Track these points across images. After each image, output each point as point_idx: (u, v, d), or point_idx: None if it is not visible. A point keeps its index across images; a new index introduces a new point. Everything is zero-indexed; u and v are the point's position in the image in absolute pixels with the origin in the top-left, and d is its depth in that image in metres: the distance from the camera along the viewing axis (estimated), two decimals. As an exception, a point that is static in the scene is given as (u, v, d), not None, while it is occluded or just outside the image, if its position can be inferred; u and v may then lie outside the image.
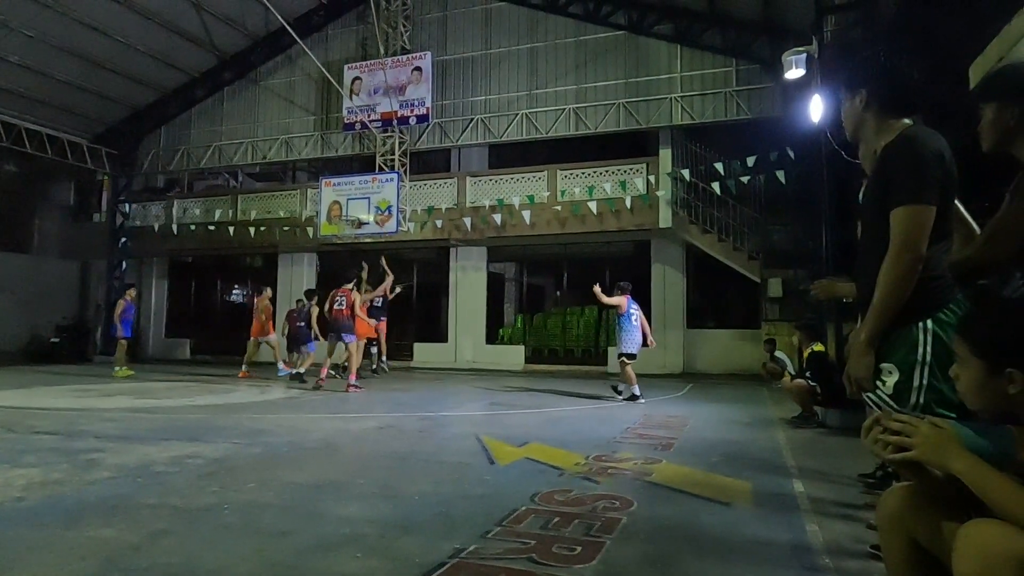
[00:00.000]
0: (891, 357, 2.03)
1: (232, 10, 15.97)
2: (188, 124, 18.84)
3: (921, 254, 1.97)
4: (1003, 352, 1.46)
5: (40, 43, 14.79)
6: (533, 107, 15.33)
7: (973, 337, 1.54)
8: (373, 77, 16.07)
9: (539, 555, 2.66)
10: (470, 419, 7.25)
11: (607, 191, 14.28)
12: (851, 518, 3.36)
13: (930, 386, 1.96)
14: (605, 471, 4.37)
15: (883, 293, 2.00)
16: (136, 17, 15.03)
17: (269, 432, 5.86)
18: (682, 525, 3.22)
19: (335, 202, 15.68)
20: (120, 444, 5.09)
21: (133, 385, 10.49)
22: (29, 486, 3.74)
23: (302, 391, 9.81)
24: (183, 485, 3.84)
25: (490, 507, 3.38)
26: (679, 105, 14.20)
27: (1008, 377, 1.44)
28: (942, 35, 7.40)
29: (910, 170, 2.01)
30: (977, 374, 1.51)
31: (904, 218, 1.98)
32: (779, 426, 6.82)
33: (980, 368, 1.50)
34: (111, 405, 7.78)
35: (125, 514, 3.22)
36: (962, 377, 1.57)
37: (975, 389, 1.54)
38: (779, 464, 4.80)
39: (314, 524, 3.10)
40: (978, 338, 1.53)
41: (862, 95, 2.22)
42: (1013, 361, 1.44)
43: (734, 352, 14.20)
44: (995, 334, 1.50)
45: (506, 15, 15.76)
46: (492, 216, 15.04)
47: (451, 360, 16.28)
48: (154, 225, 18.80)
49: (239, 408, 7.76)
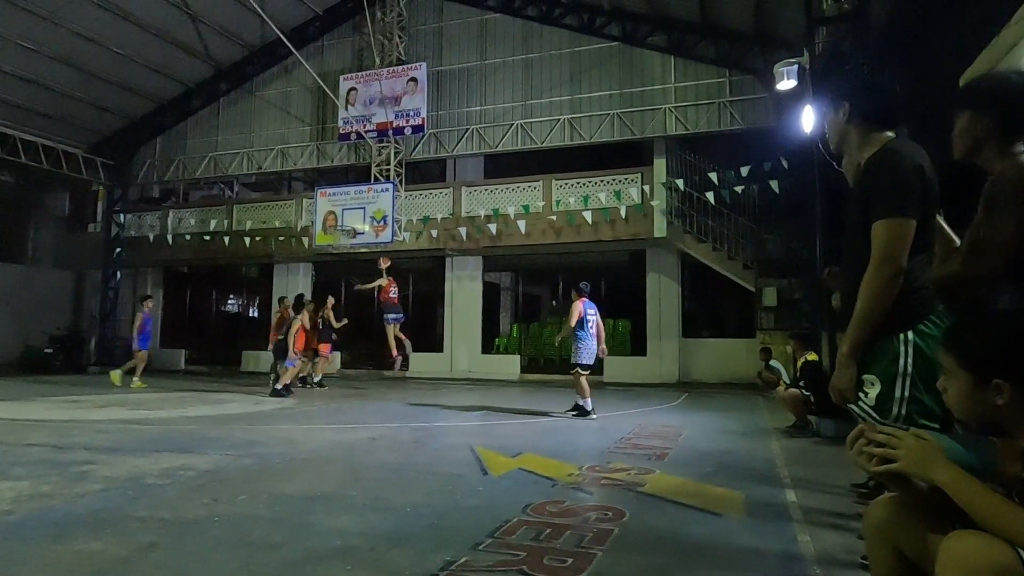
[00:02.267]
0: (873, 368, 2.05)
1: (228, 21, 16.02)
2: (184, 134, 18.86)
3: (901, 266, 1.98)
4: (989, 363, 1.46)
5: (36, 54, 14.81)
6: (528, 117, 15.39)
7: (959, 349, 1.54)
8: (369, 88, 16.12)
9: (530, 567, 2.65)
10: (464, 430, 7.23)
11: (602, 201, 14.32)
12: (843, 528, 3.35)
13: (912, 397, 1.97)
14: (598, 482, 4.36)
15: (864, 305, 2.02)
16: (132, 28, 15.07)
17: (261, 443, 5.83)
18: (674, 536, 3.21)
19: (330, 212, 15.69)
20: (111, 456, 5.06)
21: (126, 396, 10.44)
22: (18, 499, 3.71)
23: (297, 402, 9.78)
24: (174, 497, 3.82)
25: (482, 518, 3.37)
26: (673, 115, 14.28)
27: (995, 388, 1.45)
28: (932, 46, 7.47)
29: (891, 183, 2.02)
30: (964, 386, 1.51)
31: (885, 231, 2.00)
32: (773, 435, 6.82)
33: (967, 380, 1.50)
34: (103, 417, 7.74)
35: (114, 527, 3.20)
36: (950, 389, 1.57)
37: (963, 400, 1.53)
38: (772, 474, 4.80)
39: (304, 536, 3.08)
40: (964, 350, 1.53)
41: (845, 108, 2.24)
42: (1000, 372, 1.44)
43: (729, 361, 14.20)
44: (981, 346, 1.50)
45: (501, 26, 15.86)
46: (487, 226, 15.05)
47: (447, 370, 16.24)
48: (149, 235, 18.76)
49: (232, 419, 7.72)
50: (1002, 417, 1.48)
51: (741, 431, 7.13)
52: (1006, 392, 1.44)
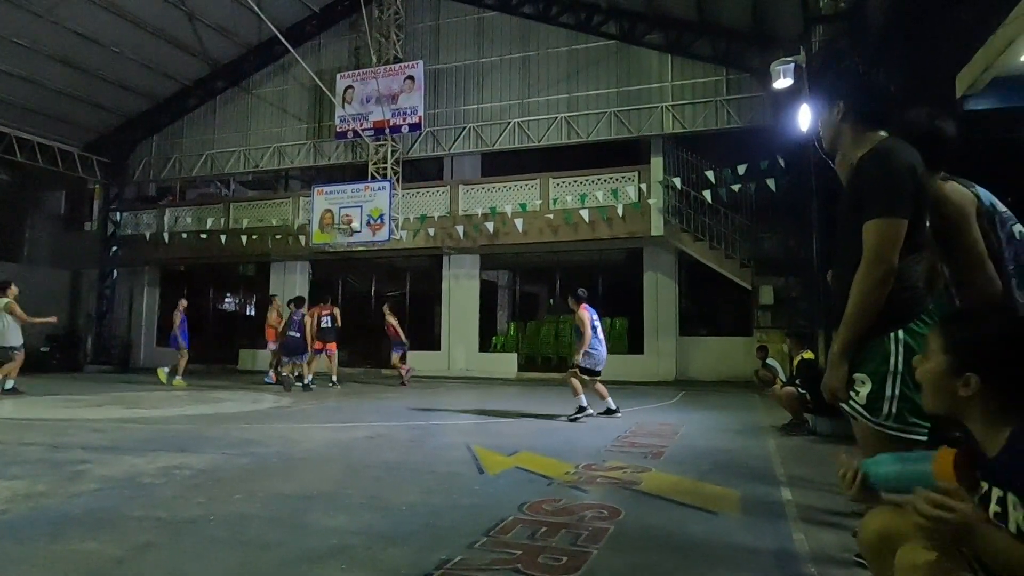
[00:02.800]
0: (864, 367, 2.05)
1: (225, 19, 15.99)
2: (180, 132, 18.83)
3: (893, 266, 1.99)
4: (969, 353, 1.47)
5: (32, 52, 14.77)
6: (525, 116, 15.39)
7: (949, 331, 1.55)
8: (365, 86, 16.10)
9: (525, 565, 2.66)
10: (461, 428, 7.23)
11: (599, 199, 14.33)
12: (838, 526, 3.36)
13: (902, 396, 1.98)
14: (594, 480, 4.37)
15: (855, 304, 2.02)
16: (128, 26, 15.03)
17: (258, 442, 5.83)
18: (669, 534, 3.22)
19: (327, 210, 15.68)
20: (107, 455, 5.06)
21: (122, 395, 10.43)
22: (13, 498, 3.70)
23: (293, 400, 9.77)
24: (169, 497, 3.82)
25: (478, 517, 3.37)
26: (670, 114, 14.29)
27: (964, 380, 1.46)
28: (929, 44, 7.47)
29: (883, 183, 2.03)
30: (938, 368, 1.52)
31: (876, 230, 2.00)
32: (770, 434, 6.83)
33: (943, 363, 1.51)
34: (100, 416, 7.73)
35: (110, 527, 3.19)
36: (922, 367, 1.59)
37: (931, 381, 1.55)
38: (768, 472, 4.81)
39: (300, 536, 3.08)
40: (954, 333, 1.53)
41: (839, 107, 2.25)
42: (975, 365, 1.45)
43: (726, 359, 14.22)
44: (968, 334, 1.51)
45: (498, 24, 15.85)
46: (485, 224, 15.06)
47: (444, 368, 16.24)
48: (146, 234, 18.74)
49: (229, 418, 7.72)
50: (962, 410, 1.49)
51: (737, 429, 7.14)
52: (973, 385, 1.44)
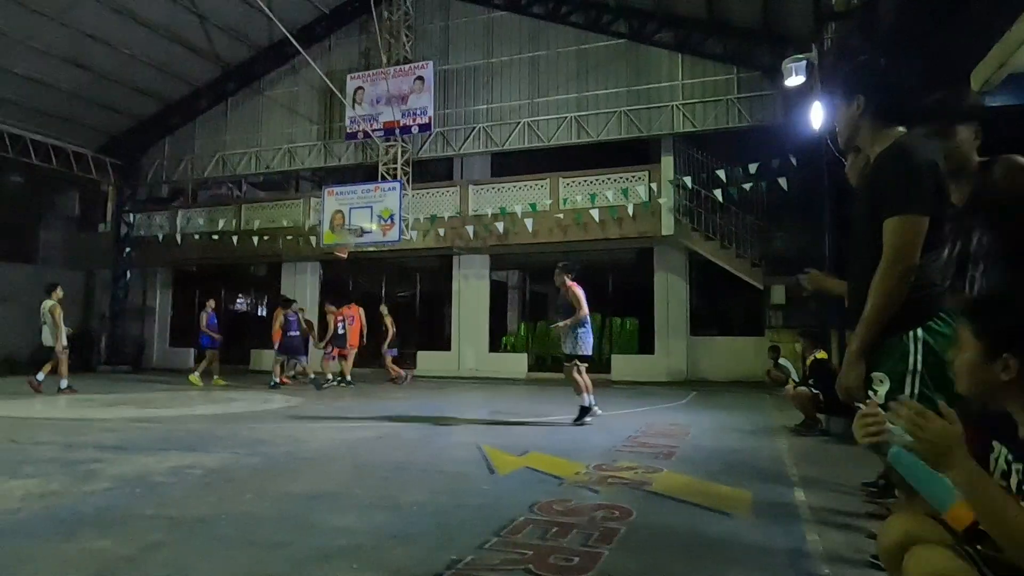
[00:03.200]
0: (882, 366, 2.02)
1: (235, 21, 16.07)
2: (192, 134, 18.95)
3: (914, 264, 1.95)
4: (1003, 336, 1.44)
5: (45, 55, 14.91)
6: (535, 115, 15.37)
7: (977, 316, 1.52)
8: (375, 86, 16.14)
9: (536, 566, 2.64)
10: (471, 428, 7.21)
11: (609, 199, 14.28)
12: (852, 527, 3.32)
13: (921, 395, 1.95)
14: (605, 480, 4.34)
15: (875, 303, 1.99)
16: (140, 29, 15.15)
17: (268, 442, 5.84)
18: (681, 535, 3.19)
19: (338, 211, 15.72)
20: (119, 454, 5.08)
21: (134, 395, 10.51)
22: (27, 497, 3.73)
23: (303, 400, 9.80)
24: (180, 496, 3.83)
25: (488, 517, 3.35)
26: (680, 113, 14.22)
27: (1003, 363, 1.42)
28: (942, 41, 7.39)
29: (903, 180, 1.99)
30: (973, 356, 1.50)
31: (897, 228, 1.97)
32: (782, 434, 6.77)
33: (977, 350, 1.48)
34: (112, 415, 7.78)
35: (121, 525, 3.21)
36: (958, 360, 1.55)
37: (969, 372, 1.52)
38: (781, 472, 4.76)
39: (310, 535, 3.08)
40: (982, 318, 1.51)
41: (859, 101, 2.21)
42: (1012, 346, 1.42)
43: (738, 359, 14.14)
44: (999, 316, 1.48)
45: (507, 24, 15.84)
46: (495, 224, 15.05)
47: (455, 368, 16.25)
48: (158, 235, 18.88)
49: (239, 418, 7.75)
50: (1004, 395, 1.45)
51: (749, 430, 7.08)
52: (1013, 368, 1.41)
